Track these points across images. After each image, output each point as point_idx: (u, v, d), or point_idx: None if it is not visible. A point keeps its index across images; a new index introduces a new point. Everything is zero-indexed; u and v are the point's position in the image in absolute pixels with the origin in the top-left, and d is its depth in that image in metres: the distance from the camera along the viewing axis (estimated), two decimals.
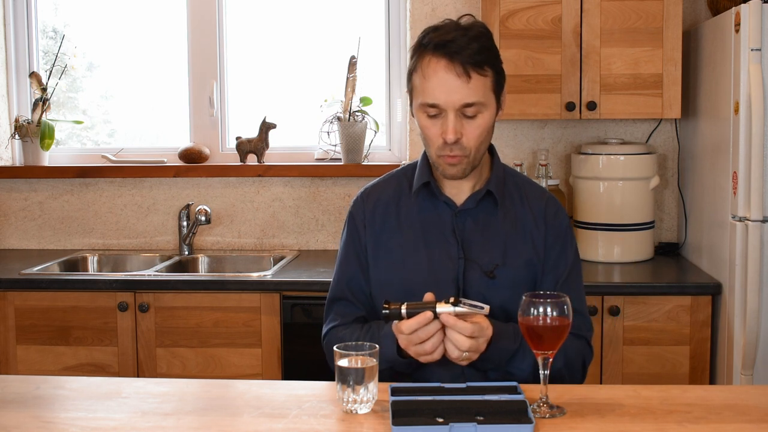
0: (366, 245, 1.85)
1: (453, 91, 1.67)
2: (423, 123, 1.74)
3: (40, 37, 3.61)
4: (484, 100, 1.70)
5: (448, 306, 1.58)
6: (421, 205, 1.84)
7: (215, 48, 3.50)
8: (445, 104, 1.68)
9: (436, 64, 1.68)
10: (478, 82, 1.68)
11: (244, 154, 3.39)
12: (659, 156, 3.27)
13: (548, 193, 1.90)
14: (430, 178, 1.82)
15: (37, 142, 3.44)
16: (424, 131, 1.75)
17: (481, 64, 1.68)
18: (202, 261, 3.35)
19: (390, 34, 3.45)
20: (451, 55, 1.67)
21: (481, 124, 1.71)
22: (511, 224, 1.82)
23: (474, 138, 1.71)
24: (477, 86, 1.68)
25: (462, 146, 1.71)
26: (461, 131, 1.70)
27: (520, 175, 1.91)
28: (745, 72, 2.52)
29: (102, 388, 1.68)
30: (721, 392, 1.64)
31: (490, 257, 1.79)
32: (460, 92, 1.67)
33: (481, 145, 1.74)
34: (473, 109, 1.69)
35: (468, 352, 1.60)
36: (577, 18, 2.92)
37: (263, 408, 1.55)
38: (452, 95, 1.67)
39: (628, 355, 2.76)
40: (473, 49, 1.67)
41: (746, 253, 2.55)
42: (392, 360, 1.69)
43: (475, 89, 1.68)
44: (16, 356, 2.91)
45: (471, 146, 1.72)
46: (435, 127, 1.72)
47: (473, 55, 1.67)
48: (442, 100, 1.68)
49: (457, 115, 1.69)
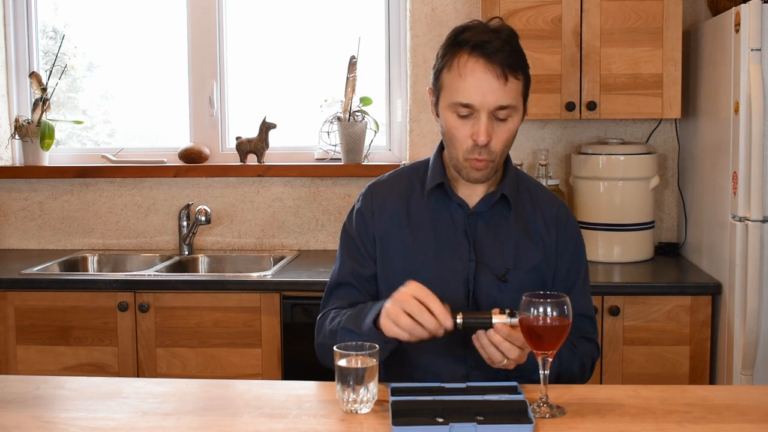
0: (374, 238, 1.83)
1: (489, 93, 1.66)
2: (451, 123, 1.71)
3: (40, 37, 3.61)
4: (516, 103, 1.69)
5: (505, 317, 1.56)
6: (433, 205, 1.82)
7: (215, 48, 3.50)
8: (480, 105, 1.66)
9: (474, 64, 1.66)
10: (513, 86, 1.67)
11: (244, 154, 3.39)
12: (659, 156, 3.27)
13: (559, 198, 1.89)
14: (444, 179, 1.80)
15: (37, 142, 3.44)
16: (452, 131, 1.72)
17: (515, 67, 1.68)
18: (202, 261, 3.35)
19: (390, 34, 3.45)
20: (489, 56, 1.65)
21: (511, 128, 1.71)
22: (523, 228, 1.81)
23: (502, 141, 1.71)
24: (512, 89, 1.67)
25: (490, 150, 1.69)
26: (491, 134, 1.68)
27: (532, 180, 1.90)
28: (745, 72, 2.52)
29: (102, 388, 1.68)
30: (721, 392, 1.64)
31: (501, 261, 1.78)
32: (496, 94, 1.66)
33: (506, 149, 1.74)
34: (506, 112, 1.68)
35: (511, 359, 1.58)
36: (577, 18, 2.92)
37: (263, 408, 1.55)
38: (488, 96, 1.66)
39: (628, 355, 2.76)
40: (507, 51, 1.66)
41: (746, 253, 2.55)
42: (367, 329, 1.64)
43: (509, 92, 1.67)
44: (16, 356, 2.91)
45: (498, 150, 1.71)
46: (465, 128, 1.69)
47: (508, 57, 1.66)
48: (478, 100, 1.66)
49: (490, 117, 1.67)
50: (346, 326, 1.70)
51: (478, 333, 1.58)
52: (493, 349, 1.57)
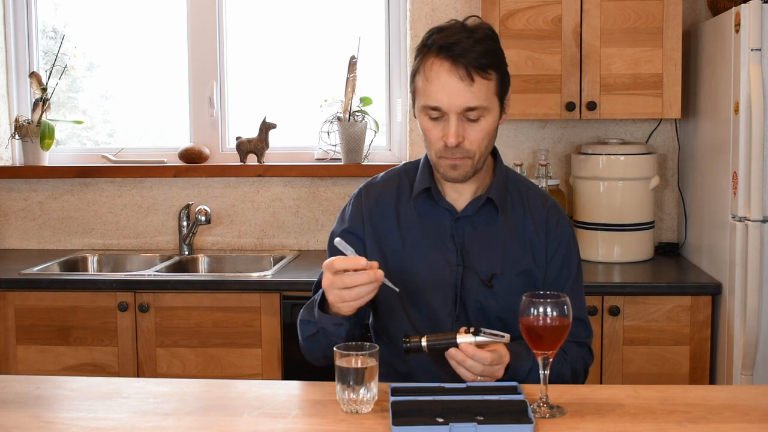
0: (365, 241, 1.83)
1: (455, 95, 1.65)
2: (425, 125, 1.72)
3: (40, 37, 3.61)
4: (487, 104, 1.68)
5: (469, 336, 1.58)
6: (421, 209, 1.82)
7: (215, 48, 3.50)
8: (447, 107, 1.66)
9: (439, 67, 1.66)
10: (481, 86, 1.66)
11: (244, 154, 3.39)
12: (659, 156, 3.27)
13: (551, 200, 1.87)
14: (431, 183, 1.80)
15: (37, 142, 3.44)
16: (426, 133, 1.73)
17: (485, 67, 1.66)
18: (202, 261, 3.35)
19: (390, 34, 3.45)
20: (455, 58, 1.64)
21: (484, 128, 1.69)
22: (511, 232, 1.80)
23: (476, 141, 1.69)
24: (480, 90, 1.66)
25: (464, 149, 1.69)
26: (463, 135, 1.68)
27: (524, 181, 1.89)
28: (745, 72, 2.52)
29: (102, 388, 1.68)
30: (721, 392, 1.64)
31: (488, 265, 1.78)
32: (462, 96, 1.65)
33: (484, 148, 1.72)
34: (476, 113, 1.67)
35: (482, 376, 1.59)
36: (577, 18, 2.92)
37: (263, 408, 1.55)
38: (454, 99, 1.65)
39: (628, 355, 2.76)
40: (478, 51, 1.65)
41: (746, 253, 2.55)
42: (319, 316, 1.67)
43: (477, 93, 1.66)
44: (16, 356, 2.91)
45: (474, 149, 1.70)
46: (436, 130, 1.70)
47: (477, 58, 1.64)
48: (444, 103, 1.66)
49: (459, 118, 1.67)
50: (302, 318, 1.77)
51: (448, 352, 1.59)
52: (460, 368, 1.59)
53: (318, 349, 1.74)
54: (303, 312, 1.77)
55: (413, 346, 1.60)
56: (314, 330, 1.71)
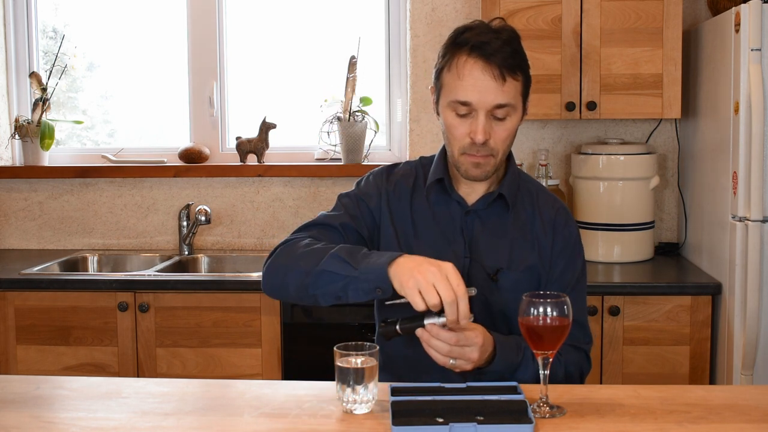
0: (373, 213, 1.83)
1: (486, 92, 1.68)
2: (450, 121, 1.74)
3: (40, 37, 3.61)
4: (514, 102, 1.72)
5: (435, 317, 1.57)
6: (433, 200, 1.84)
7: (215, 48, 3.50)
8: (478, 104, 1.69)
9: (473, 65, 1.69)
10: (511, 86, 1.70)
11: (244, 154, 3.39)
12: (659, 156, 3.27)
13: (561, 203, 1.90)
14: (445, 175, 1.83)
15: (37, 142, 3.44)
16: (451, 130, 1.75)
17: (514, 68, 1.70)
18: (202, 261, 3.35)
19: (390, 34, 3.45)
20: (488, 57, 1.68)
21: (509, 127, 1.73)
22: (520, 229, 1.82)
23: (501, 140, 1.73)
24: (510, 89, 1.70)
25: (489, 147, 1.73)
26: (490, 132, 1.71)
27: (534, 182, 1.92)
28: (745, 72, 2.52)
29: (102, 388, 1.68)
30: (721, 392, 1.64)
31: (494, 260, 1.79)
32: (493, 93, 1.69)
33: (506, 148, 1.76)
34: (504, 111, 1.71)
35: (453, 359, 1.59)
36: (577, 18, 2.92)
37: (263, 408, 1.55)
38: (486, 96, 1.69)
39: (628, 355, 2.76)
40: (507, 52, 1.69)
41: (746, 253, 2.55)
42: (369, 269, 1.57)
43: (507, 92, 1.70)
44: (16, 356, 2.91)
45: (498, 148, 1.73)
46: (463, 126, 1.73)
47: (507, 58, 1.69)
48: (475, 99, 1.69)
49: (488, 116, 1.70)
50: (338, 254, 1.61)
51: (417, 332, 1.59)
52: (429, 349, 1.58)
53: (303, 286, 1.64)
54: (339, 249, 1.62)
55: (388, 329, 1.61)
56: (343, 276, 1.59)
